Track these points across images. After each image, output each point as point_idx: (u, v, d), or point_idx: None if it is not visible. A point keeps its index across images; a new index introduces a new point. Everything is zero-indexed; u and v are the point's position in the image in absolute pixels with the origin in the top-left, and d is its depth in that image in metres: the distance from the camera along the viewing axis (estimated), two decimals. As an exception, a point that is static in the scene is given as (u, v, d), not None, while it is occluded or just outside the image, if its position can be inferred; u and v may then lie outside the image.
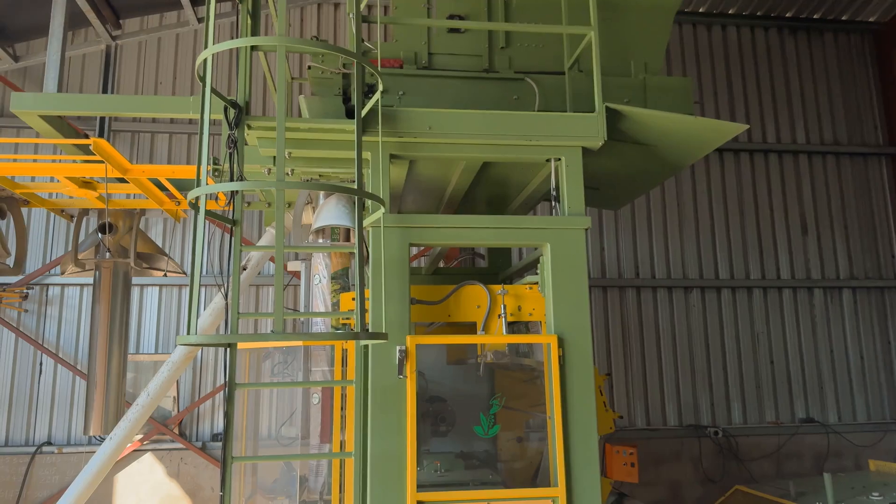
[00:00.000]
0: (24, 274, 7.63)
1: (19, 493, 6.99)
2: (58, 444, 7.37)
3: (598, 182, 5.75)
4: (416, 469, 4.16)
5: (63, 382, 7.58)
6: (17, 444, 7.39)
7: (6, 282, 7.49)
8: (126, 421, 4.35)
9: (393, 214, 4.01)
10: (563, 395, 3.88)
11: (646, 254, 8.90)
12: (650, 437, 8.26)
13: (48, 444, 7.37)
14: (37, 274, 7.62)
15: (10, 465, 7.18)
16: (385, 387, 3.80)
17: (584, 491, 3.78)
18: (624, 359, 8.53)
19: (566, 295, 4.05)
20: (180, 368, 4.50)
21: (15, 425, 7.45)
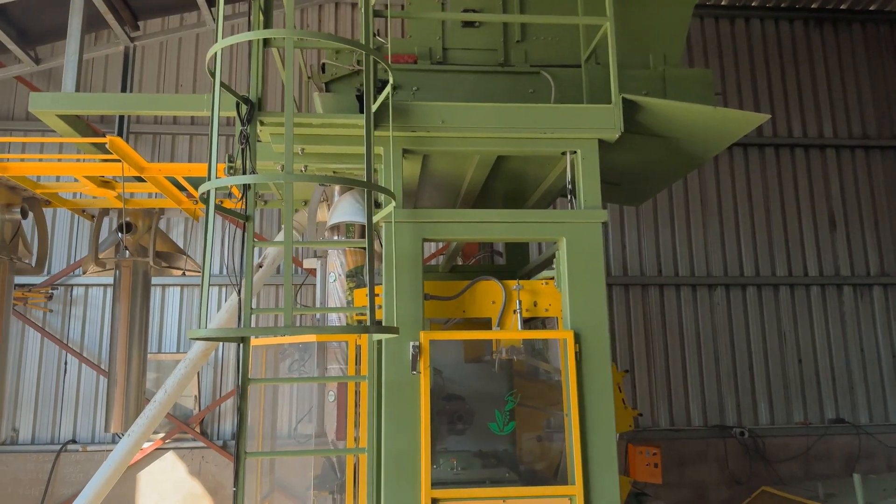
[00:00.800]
0: (49, 274, 7.77)
1: (45, 490, 7.10)
2: (82, 443, 7.47)
3: (618, 177, 5.65)
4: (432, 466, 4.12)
5: (87, 382, 7.69)
6: (42, 442, 7.52)
7: (31, 282, 7.62)
8: (143, 418, 4.37)
9: (406, 209, 3.97)
10: (581, 391, 3.81)
11: (669, 251, 8.75)
12: (674, 437, 8.11)
13: (73, 442, 7.48)
14: (61, 275, 7.75)
15: (36, 463, 7.29)
16: (399, 383, 3.76)
17: (602, 489, 3.70)
18: (647, 358, 8.39)
19: (582, 290, 3.97)
20: (197, 365, 4.52)
21: (41, 424, 7.57)
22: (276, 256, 4.86)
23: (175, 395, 4.43)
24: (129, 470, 7.42)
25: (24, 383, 7.67)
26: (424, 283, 4.48)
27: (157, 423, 4.44)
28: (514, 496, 3.68)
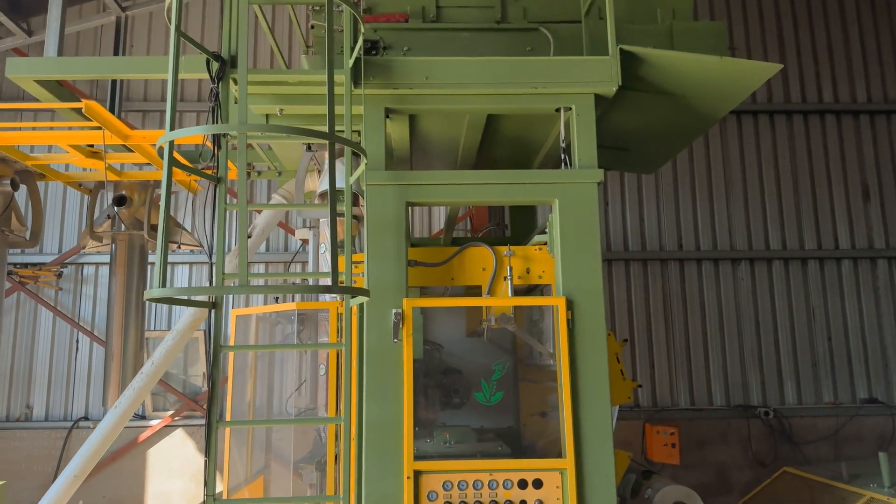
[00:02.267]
0: (59, 252, 7.82)
1: (57, 466, 7.17)
2: (94, 419, 7.53)
3: (626, 141, 5.37)
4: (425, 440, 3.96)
5: (98, 359, 7.72)
6: (56, 418, 7.60)
7: (41, 261, 7.68)
8: (130, 390, 4.30)
9: (388, 171, 3.79)
10: (573, 361, 3.59)
11: (690, 224, 8.38)
12: (694, 417, 7.81)
13: (84, 419, 7.54)
14: (70, 253, 7.78)
15: (49, 440, 7.37)
16: (380, 351, 3.60)
17: (595, 463, 3.49)
18: (666, 336, 8.08)
19: (576, 254, 3.73)
20: (185, 336, 4.43)
21: (54, 401, 7.65)
22: (264, 227, 4.73)
23: (162, 368, 4.35)
24: (138, 447, 7.47)
25: (37, 361, 7.75)
26: (411, 250, 4.31)
27: (145, 395, 4.37)
28: (501, 469, 3.49)
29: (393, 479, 3.46)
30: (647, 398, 7.90)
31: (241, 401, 4.68)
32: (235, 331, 4.18)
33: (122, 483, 7.28)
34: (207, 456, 3.26)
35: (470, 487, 3.44)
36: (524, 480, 3.44)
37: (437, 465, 3.50)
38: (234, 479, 4.53)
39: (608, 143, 5.55)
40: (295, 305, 3.79)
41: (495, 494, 3.44)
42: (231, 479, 4.56)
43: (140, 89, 8.22)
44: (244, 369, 4.63)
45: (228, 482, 4.51)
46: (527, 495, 3.43)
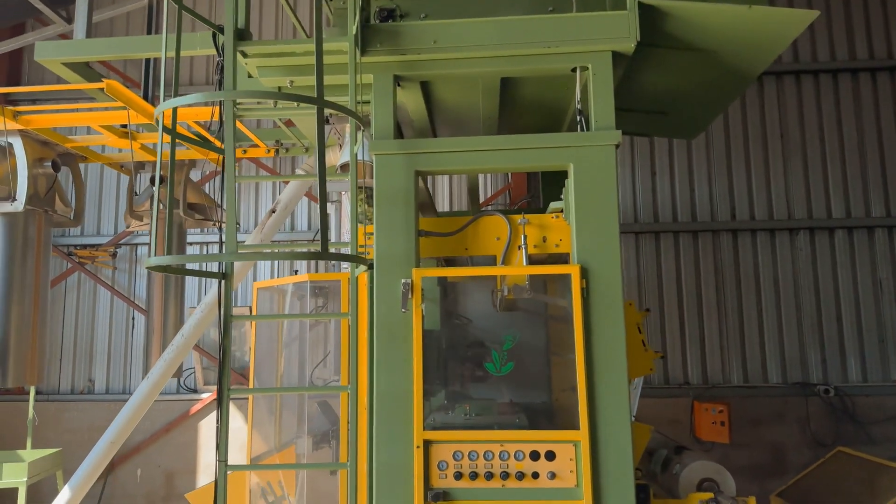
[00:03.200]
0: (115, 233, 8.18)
1: (117, 436, 7.57)
2: (150, 393, 7.90)
3: (662, 104, 5.12)
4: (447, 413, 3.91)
5: (154, 336, 8.07)
6: (115, 391, 8.03)
7: (98, 242, 8.07)
8: (162, 361, 4.46)
9: (397, 140, 3.73)
10: (588, 330, 3.46)
11: (744, 193, 7.95)
12: (747, 395, 7.46)
13: (141, 391, 7.91)
14: (125, 234, 8.15)
15: (109, 412, 7.78)
16: (390, 322, 3.57)
17: (610, 435, 3.36)
18: (718, 310, 7.72)
19: (591, 220, 3.58)
20: (213, 310, 4.54)
21: (113, 375, 8.08)
22: (288, 202, 4.77)
23: (192, 339, 4.48)
24: (190, 419, 7.79)
25: (97, 338, 8.19)
26: (424, 220, 4.25)
27: (176, 365, 4.52)
28: (512, 440, 3.42)
29: (403, 449, 3.45)
30: (697, 375, 7.60)
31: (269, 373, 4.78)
32: (257, 303, 4.25)
33: (175, 454, 7.63)
34: (219, 422, 3.33)
35: (480, 458, 3.39)
36: (536, 452, 3.36)
37: (446, 434, 3.45)
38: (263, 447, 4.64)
39: (643, 108, 5.30)
40: (307, 277, 3.80)
41: (506, 465, 3.37)
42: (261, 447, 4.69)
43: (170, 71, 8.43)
44: (272, 342, 4.73)
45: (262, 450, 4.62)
46: (539, 467, 3.35)
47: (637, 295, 7.78)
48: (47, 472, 5.64)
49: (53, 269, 8.30)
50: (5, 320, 4.70)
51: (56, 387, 8.17)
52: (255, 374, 4.36)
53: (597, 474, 3.34)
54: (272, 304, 4.66)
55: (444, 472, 3.40)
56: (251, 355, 4.22)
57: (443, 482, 3.40)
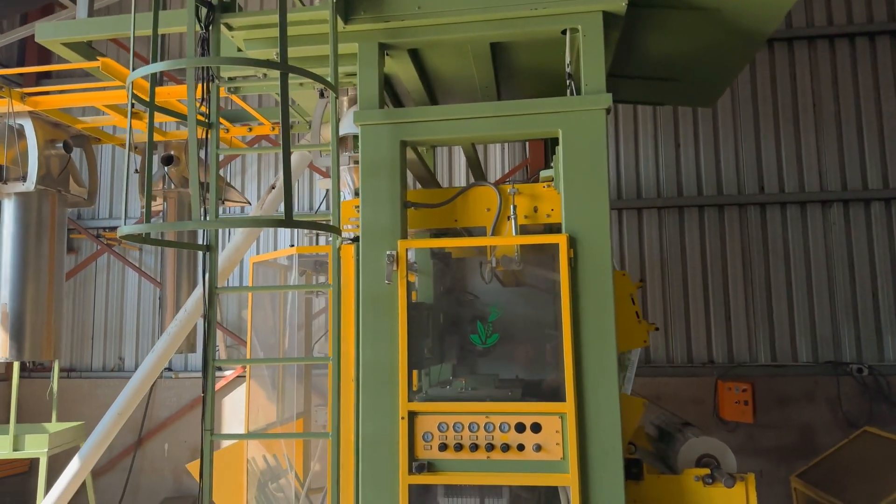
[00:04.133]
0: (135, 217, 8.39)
1: (144, 412, 7.84)
2: (176, 370, 8.12)
3: (672, 70, 4.93)
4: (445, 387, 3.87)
5: (180, 315, 8.27)
6: (144, 369, 8.26)
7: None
8: (166, 335, 4.56)
9: (382, 110, 3.67)
10: (575, 301, 3.36)
11: (772, 164, 7.61)
12: (775, 374, 7.19)
13: (168, 369, 8.14)
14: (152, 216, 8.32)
15: (138, 388, 8.04)
16: (376, 294, 3.55)
17: (598, 408, 3.28)
18: (744, 287, 7.45)
19: (580, 188, 3.47)
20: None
21: (142, 353, 8.32)
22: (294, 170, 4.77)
23: (195, 314, 4.56)
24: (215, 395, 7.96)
25: (126, 317, 8.44)
26: (413, 191, 4.19)
27: (180, 340, 4.61)
28: (497, 412, 3.36)
29: (388, 420, 3.43)
30: (722, 354, 7.37)
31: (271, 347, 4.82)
32: (253, 278, 4.28)
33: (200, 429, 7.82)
34: (204, 392, 3.38)
35: (465, 429, 3.34)
36: (522, 424, 3.29)
37: (431, 406, 3.42)
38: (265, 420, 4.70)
39: (653, 74, 5.11)
40: (294, 250, 3.81)
41: (491, 437, 3.32)
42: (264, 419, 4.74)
43: (175, 50, 8.57)
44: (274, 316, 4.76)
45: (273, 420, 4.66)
46: (524, 439, 3.29)
47: (660, 272, 7.57)
48: (69, 444, 5.87)
49: (84, 251, 8.58)
50: (21, 297, 4.87)
51: (89, 364, 8.47)
52: (251, 348, 4.41)
53: (584, 447, 3.27)
54: (272, 279, 4.68)
55: (429, 444, 3.38)
56: (248, 329, 4.27)
57: (427, 453, 3.38)
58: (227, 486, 4.20)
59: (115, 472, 7.88)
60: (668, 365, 7.39)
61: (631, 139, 7.84)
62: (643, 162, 7.79)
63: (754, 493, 3.41)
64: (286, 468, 4.75)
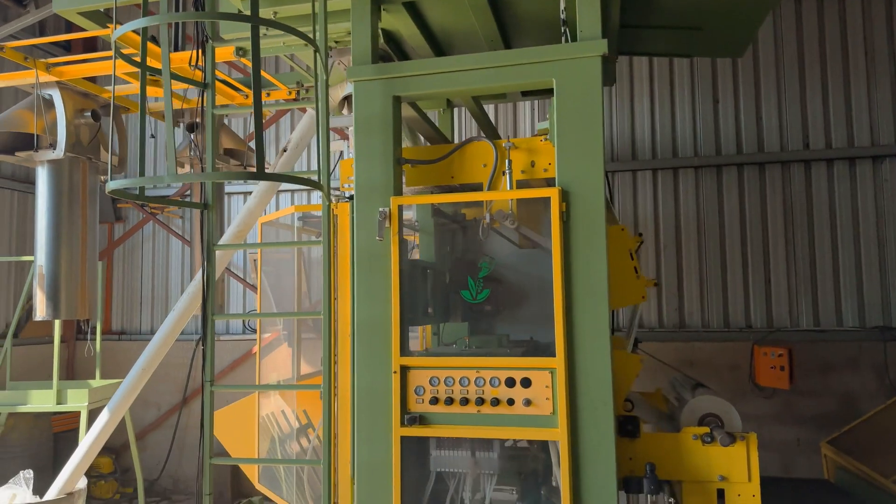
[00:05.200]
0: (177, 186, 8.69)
1: (188, 373, 8.20)
2: (217, 334, 8.45)
3: (693, 18, 4.69)
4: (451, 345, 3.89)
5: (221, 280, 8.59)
6: (188, 332, 8.62)
7: (167, 193, 8.61)
8: (186, 295, 4.74)
9: (374, 66, 3.65)
10: (567, 256, 3.30)
11: (818, 119, 7.16)
12: (817, 339, 6.87)
13: (209, 332, 8.47)
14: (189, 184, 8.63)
15: (182, 350, 8.37)
16: (370, 251, 3.57)
17: (588, 364, 3.23)
18: (786, 249, 7.11)
19: (574, 140, 3.37)
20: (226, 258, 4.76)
21: (185, 317, 8.70)
22: (299, 140, 4.83)
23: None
24: (253, 357, 8.25)
25: (171, 283, 8.82)
26: (410, 149, 4.16)
27: (198, 300, 4.78)
28: (488, 366, 3.36)
29: (382, 374, 3.48)
30: (761, 318, 7.09)
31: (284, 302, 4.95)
32: (262, 237, 4.38)
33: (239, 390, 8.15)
34: (204, 345, 3.51)
35: (456, 384, 3.36)
36: (512, 379, 3.28)
37: (423, 360, 3.45)
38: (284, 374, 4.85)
39: (674, 23, 4.88)
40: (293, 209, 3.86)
41: (482, 391, 3.32)
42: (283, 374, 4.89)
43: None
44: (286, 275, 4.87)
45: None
46: (514, 394, 3.28)
47: (696, 234, 7.31)
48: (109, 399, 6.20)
49: (131, 219, 8.97)
50: (56, 260, 5.14)
51: (138, 328, 8.92)
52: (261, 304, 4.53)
53: (573, 402, 3.23)
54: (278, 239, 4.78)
55: (421, 398, 3.41)
56: (258, 286, 4.39)
57: (419, 407, 3.41)
58: (241, 437, 4.36)
59: (162, 430, 8.33)
60: (703, 330, 7.17)
61: (667, 97, 7.53)
62: (679, 120, 7.48)
63: (756, 452, 3.29)
64: (305, 423, 4.89)
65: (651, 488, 3.19)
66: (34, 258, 5.16)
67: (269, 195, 4.88)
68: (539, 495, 3.37)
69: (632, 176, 7.53)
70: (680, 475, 3.37)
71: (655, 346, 7.21)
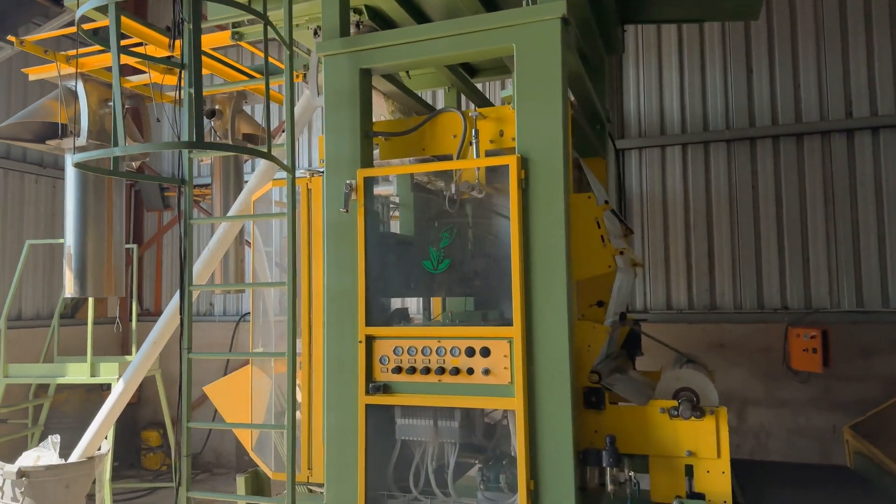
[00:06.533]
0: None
1: (229, 350, 8.59)
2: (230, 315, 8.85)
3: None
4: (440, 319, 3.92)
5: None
6: (230, 313, 9.03)
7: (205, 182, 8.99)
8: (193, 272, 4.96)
9: (341, 39, 3.70)
10: (526, 225, 3.25)
11: (863, 84, 6.66)
12: (860, 321, 6.42)
13: (248, 314, 8.83)
14: (226, 172, 8.99)
15: (223, 330, 8.81)
16: (339, 223, 3.64)
17: (546, 332, 3.18)
18: (826, 225, 6.67)
19: (533, 106, 3.32)
20: (234, 224, 4.93)
21: (229, 300, 9.09)
22: (299, 115, 4.93)
23: (218, 252, 4.91)
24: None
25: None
26: (382, 122, 4.19)
27: (205, 277, 4.99)
28: (448, 336, 3.36)
29: (351, 344, 3.54)
30: (798, 299, 6.70)
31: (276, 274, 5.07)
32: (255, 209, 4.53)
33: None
34: (182, 314, 3.67)
35: (419, 353, 3.38)
36: (471, 348, 3.27)
37: (387, 330, 3.48)
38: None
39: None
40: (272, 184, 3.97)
41: (443, 361, 3.33)
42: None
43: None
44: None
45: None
46: (474, 363, 3.27)
47: (728, 211, 6.97)
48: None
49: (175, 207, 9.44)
50: (83, 241, 5.49)
51: (187, 309, 9.40)
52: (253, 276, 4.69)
53: (531, 372, 3.19)
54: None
55: (385, 367, 3.45)
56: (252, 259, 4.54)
57: (384, 376, 3.46)
58: (237, 407, 4.54)
59: (204, 408, 8.72)
60: (735, 311, 6.85)
61: (697, 68, 7.20)
62: (710, 92, 7.14)
63: (726, 427, 3.14)
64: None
65: (610, 461, 3.11)
66: (64, 240, 5.53)
67: (269, 175, 5.02)
68: (501, 466, 3.35)
69: (660, 152, 7.26)
70: (647, 449, 3.27)
71: (684, 329, 6.97)
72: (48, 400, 7.20)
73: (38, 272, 8.48)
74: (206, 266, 4.96)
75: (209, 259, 4.95)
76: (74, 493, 4.88)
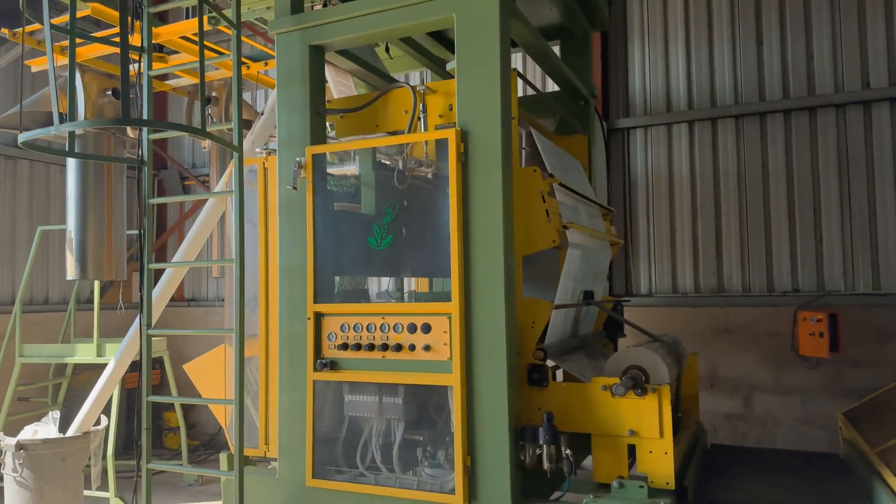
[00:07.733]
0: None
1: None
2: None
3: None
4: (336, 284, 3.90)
5: (272, 250, 9.09)
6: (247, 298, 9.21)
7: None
8: (178, 253, 5.08)
9: (292, 16, 3.71)
10: (465, 199, 3.21)
11: (880, 54, 6.25)
12: (875, 304, 6.07)
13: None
14: (240, 160, 9.16)
15: (238, 314, 9.00)
16: (291, 200, 3.67)
17: (483, 308, 3.15)
18: (840, 204, 6.32)
19: (471, 77, 3.28)
20: (216, 208, 5.02)
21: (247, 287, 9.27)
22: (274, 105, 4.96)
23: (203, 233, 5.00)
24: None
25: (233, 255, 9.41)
26: (338, 99, 4.18)
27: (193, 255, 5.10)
28: (391, 312, 3.36)
29: (301, 321, 3.58)
30: (810, 281, 6.38)
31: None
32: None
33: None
34: (141, 292, 3.76)
35: (364, 330, 3.39)
36: (413, 325, 3.27)
37: (334, 307, 3.50)
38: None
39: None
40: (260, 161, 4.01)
41: (386, 337, 3.33)
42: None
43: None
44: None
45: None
46: (415, 339, 3.26)
47: (737, 190, 6.69)
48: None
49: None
50: (83, 226, 5.70)
51: (205, 295, 9.66)
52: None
53: (469, 349, 3.16)
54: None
55: (333, 343, 3.48)
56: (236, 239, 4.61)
57: (331, 352, 3.49)
58: (213, 384, 4.64)
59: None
60: (743, 294, 6.59)
61: (704, 41, 6.92)
62: (718, 66, 6.85)
63: (668, 406, 3.03)
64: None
65: (546, 438, 3.04)
66: (66, 225, 5.75)
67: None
68: (444, 442, 3.33)
69: (666, 130, 7.03)
70: (588, 427, 3.19)
71: (689, 313, 6.75)
72: (66, 380, 7.53)
73: (64, 258, 8.84)
74: (192, 245, 5.06)
75: (194, 238, 5.05)
76: (71, 466, 5.09)
